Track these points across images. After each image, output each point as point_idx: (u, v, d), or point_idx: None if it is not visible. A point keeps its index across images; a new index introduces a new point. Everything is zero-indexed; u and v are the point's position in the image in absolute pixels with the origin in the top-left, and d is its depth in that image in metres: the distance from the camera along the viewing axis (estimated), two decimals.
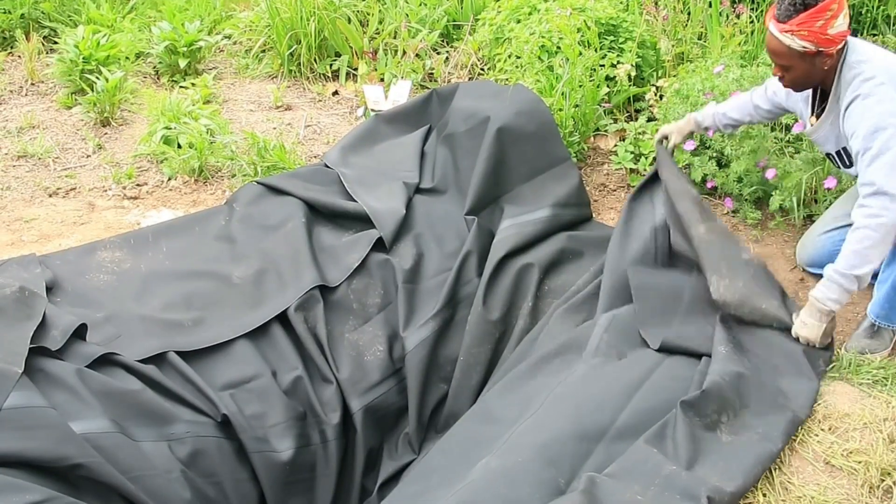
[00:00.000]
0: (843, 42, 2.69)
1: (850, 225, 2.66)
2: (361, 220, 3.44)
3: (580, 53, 3.94)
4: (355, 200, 3.49)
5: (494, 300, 3.22)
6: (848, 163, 2.87)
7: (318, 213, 3.49)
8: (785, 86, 2.83)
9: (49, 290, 3.01)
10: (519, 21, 4.27)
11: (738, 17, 4.15)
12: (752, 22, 4.19)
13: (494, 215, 3.53)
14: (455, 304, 3.24)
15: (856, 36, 4.25)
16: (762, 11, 4.28)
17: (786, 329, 2.80)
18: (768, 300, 2.84)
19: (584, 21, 4.04)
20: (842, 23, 2.64)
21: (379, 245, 3.35)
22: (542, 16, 4.15)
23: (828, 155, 2.97)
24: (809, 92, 2.91)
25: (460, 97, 3.86)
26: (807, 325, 2.71)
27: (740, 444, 2.47)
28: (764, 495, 2.40)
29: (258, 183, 3.59)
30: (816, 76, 2.75)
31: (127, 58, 4.56)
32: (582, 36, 4.02)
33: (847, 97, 2.70)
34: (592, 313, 3.04)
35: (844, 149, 2.83)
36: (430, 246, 3.40)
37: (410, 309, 3.21)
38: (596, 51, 4.02)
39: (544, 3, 4.25)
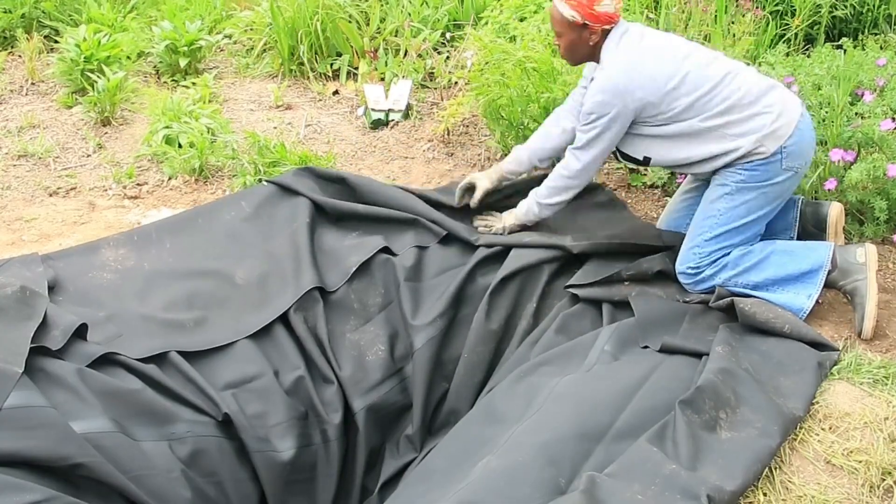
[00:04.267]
0: (611, 25, 2.99)
1: (697, 194, 3.17)
2: (367, 220, 3.44)
3: None
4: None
5: (500, 301, 3.21)
6: None
7: (324, 214, 3.48)
8: (561, 55, 3.17)
9: (51, 289, 3.01)
10: (522, 19, 4.26)
11: (742, 16, 4.13)
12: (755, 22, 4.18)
13: None
14: (460, 303, 3.23)
15: (857, 35, 4.30)
16: (767, 12, 4.27)
17: (797, 335, 2.87)
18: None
19: None
20: (608, 4, 2.95)
21: None
22: (545, 14, 4.15)
23: None
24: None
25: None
26: (499, 219, 3.36)
27: (740, 440, 2.47)
28: (765, 494, 2.40)
29: (268, 182, 3.58)
30: (583, 50, 3.06)
31: (128, 57, 4.56)
32: None
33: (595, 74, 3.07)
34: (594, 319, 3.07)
35: None
36: (431, 245, 3.40)
37: (416, 305, 3.21)
38: None
39: (549, 1, 4.24)
